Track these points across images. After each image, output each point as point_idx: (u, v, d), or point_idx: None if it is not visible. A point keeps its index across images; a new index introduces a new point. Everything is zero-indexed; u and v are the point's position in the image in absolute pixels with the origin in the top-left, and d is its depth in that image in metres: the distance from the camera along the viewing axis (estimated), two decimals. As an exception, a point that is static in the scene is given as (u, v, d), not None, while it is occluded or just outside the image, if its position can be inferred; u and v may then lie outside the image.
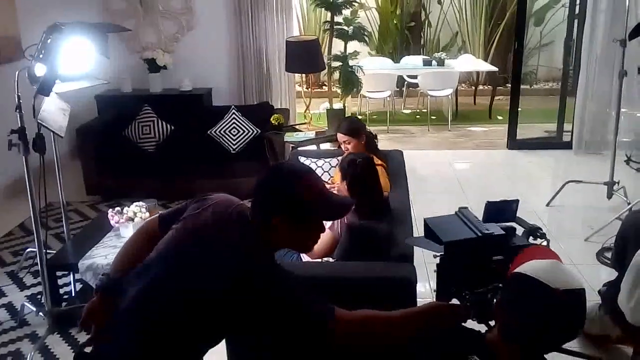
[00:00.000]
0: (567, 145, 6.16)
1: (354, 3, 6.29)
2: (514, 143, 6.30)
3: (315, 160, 3.92)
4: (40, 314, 3.14)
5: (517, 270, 1.47)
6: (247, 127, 5.03)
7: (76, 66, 3.01)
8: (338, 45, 6.30)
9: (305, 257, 2.89)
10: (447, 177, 5.61)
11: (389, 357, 1.68)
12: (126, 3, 5.88)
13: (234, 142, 5.04)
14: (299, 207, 1.56)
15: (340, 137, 3.56)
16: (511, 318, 1.46)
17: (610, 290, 2.95)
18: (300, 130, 5.02)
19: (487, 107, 8.12)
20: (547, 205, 4.76)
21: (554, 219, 4.63)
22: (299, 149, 4.49)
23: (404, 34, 9.31)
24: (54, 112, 2.93)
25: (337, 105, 6.25)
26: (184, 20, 5.91)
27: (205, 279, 1.51)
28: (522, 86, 6.47)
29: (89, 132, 5.00)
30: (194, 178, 4.81)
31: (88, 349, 1.65)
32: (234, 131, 5.03)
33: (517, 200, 1.81)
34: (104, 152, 4.96)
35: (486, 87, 9.23)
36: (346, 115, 5.38)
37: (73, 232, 3.92)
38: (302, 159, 3.95)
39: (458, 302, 1.63)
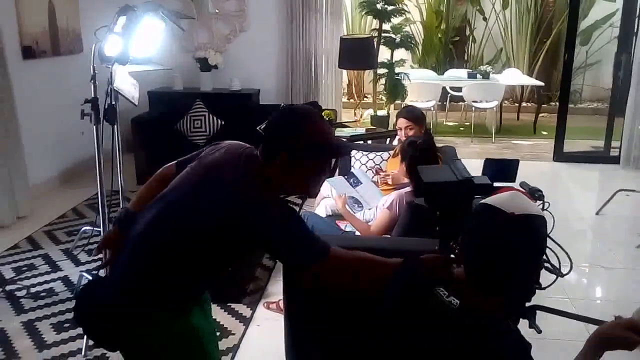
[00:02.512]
0: (615, 160, 6.08)
1: (403, 12, 6.39)
2: (560, 155, 6.24)
3: (366, 153, 3.95)
4: (98, 283, 3.21)
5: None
6: (296, 124, 5.10)
7: (142, 49, 3.12)
8: (384, 54, 6.38)
9: (361, 237, 2.92)
10: (492, 184, 5.56)
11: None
12: (181, 4, 6.06)
13: (283, 139, 5.10)
14: (305, 145, 1.63)
15: (403, 122, 3.56)
16: (471, 249, 1.42)
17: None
18: (350, 127, 5.09)
19: (530, 123, 8.08)
20: (597, 213, 4.70)
21: (604, 226, 4.57)
22: (349, 143, 4.53)
23: (448, 48, 9.35)
24: (126, 85, 3.04)
25: (381, 112, 6.32)
26: (237, 22, 6.06)
27: (211, 206, 1.62)
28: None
29: (142, 124, 5.13)
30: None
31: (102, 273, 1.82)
32: (283, 128, 5.10)
33: (517, 161, 1.79)
34: (155, 143, 5.07)
35: (529, 105, 9.18)
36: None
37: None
38: (354, 152, 3.99)
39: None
